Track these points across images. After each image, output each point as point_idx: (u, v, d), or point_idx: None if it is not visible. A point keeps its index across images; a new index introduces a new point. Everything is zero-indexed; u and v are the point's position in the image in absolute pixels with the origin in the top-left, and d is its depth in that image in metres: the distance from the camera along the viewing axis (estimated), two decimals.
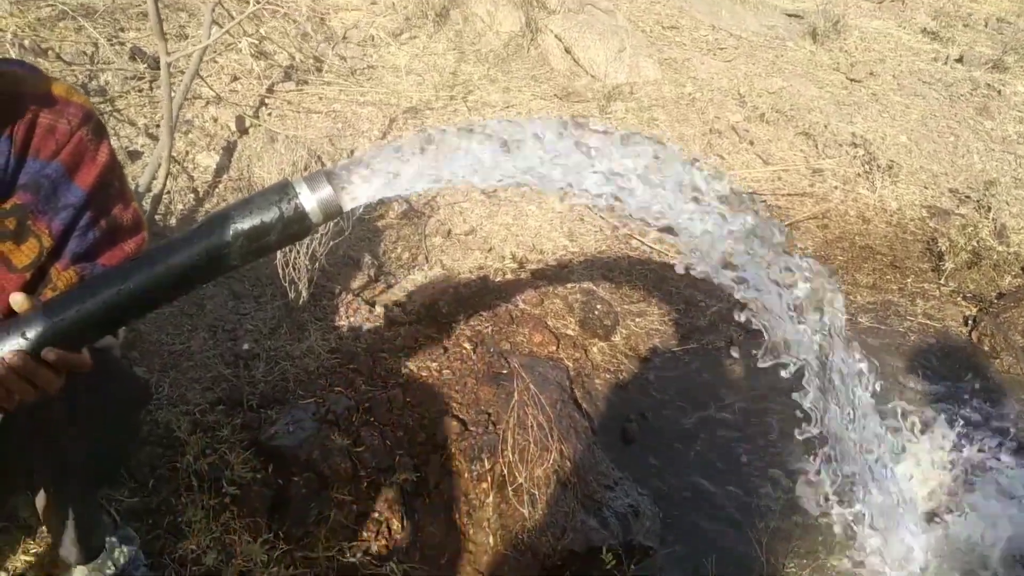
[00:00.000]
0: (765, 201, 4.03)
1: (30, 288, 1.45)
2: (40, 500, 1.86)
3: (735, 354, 3.04)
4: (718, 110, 4.81)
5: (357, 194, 1.20)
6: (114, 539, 1.85)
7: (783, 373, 1.78)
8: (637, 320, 3.08)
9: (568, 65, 5.33)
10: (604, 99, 4.77)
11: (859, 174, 4.45)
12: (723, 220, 1.40)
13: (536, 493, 2.12)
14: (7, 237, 1.44)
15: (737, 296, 1.60)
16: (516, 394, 2.44)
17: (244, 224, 1.15)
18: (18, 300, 1.17)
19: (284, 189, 1.17)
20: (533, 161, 1.20)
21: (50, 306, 1.15)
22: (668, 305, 3.22)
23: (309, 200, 1.16)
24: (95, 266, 1.55)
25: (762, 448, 2.70)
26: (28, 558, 1.93)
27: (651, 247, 3.48)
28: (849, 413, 1.96)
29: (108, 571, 1.82)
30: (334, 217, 1.21)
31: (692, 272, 1.51)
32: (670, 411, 2.81)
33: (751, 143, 4.56)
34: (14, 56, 3.18)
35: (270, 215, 1.16)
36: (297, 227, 1.18)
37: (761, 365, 1.73)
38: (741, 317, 1.73)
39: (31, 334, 1.14)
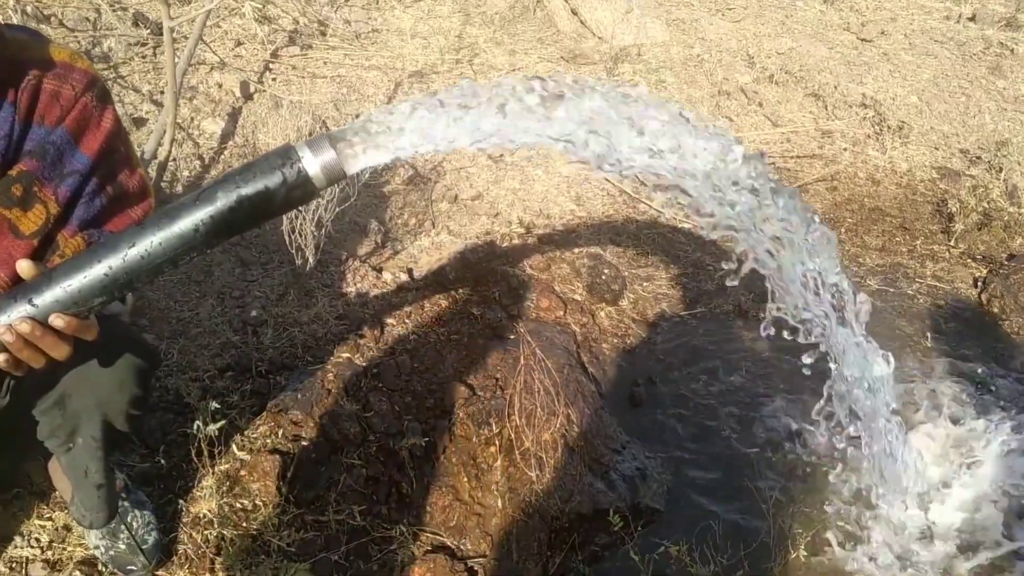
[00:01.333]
0: (774, 163, 4.00)
1: (38, 255, 1.45)
2: (53, 466, 1.89)
3: (743, 319, 3.04)
4: (727, 71, 4.76)
5: (361, 157, 1.19)
6: (127, 503, 1.87)
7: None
8: (645, 284, 3.08)
9: (575, 27, 5.26)
10: (611, 61, 4.72)
11: (869, 135, 4.41)
12: None
13: (543, 457, 2.13)
14: (14, 204, 1.44)
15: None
16: (523, 359, 2.44)
17: (248, 189, 1.15)
18: (24, 267, 1.18)
19: (287, 153, 1.16)
20: (541, 123, 1.19)
21: (56, 272, 1.15)
22: (676, 269, 3.21)
23: (312, 164, 1.15)
24: (102, 233, 1.55)
25: (769, 412, 2.70)
26: (42, 523, 1.96)
27: (659, 211, 3.47)
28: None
29: (121, 535, 1.84)
30: (338, 181, 1.21)
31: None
32: (678, 375, 2.81)
33: (760, 105, 4.52)
34: (16, 22, 3.16)
35: (273, 180, 1.15)
36: (301, 191, 1.18)
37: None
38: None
39: (38, 300, 1.14)
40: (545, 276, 2.95)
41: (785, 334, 1.67)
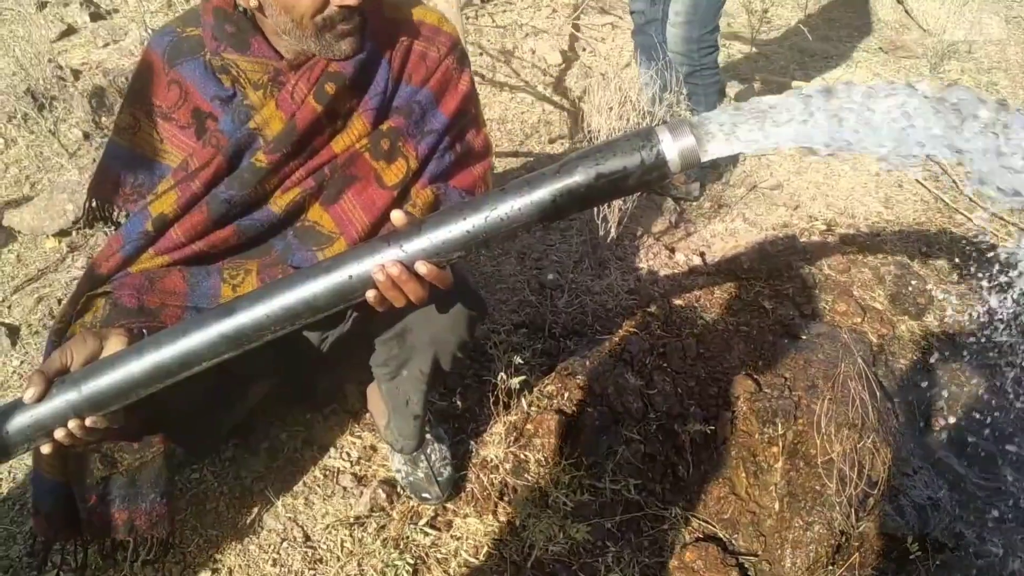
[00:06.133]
0: None
1: (395, 205, 1.58)
2: (372, 390, 2.08)
3: None
4: None
5: (716, 146, 1.18)
6: (430, 436, 2.03)
7: None
8: (954, 302, 2.83)
9: (898, 16, 4.91)
10: (937, 57, 4.35)
11: None
12: None
13: (831, 468, 2.04)
14: (381, 156, 1.57)
15: None
16: (816, 363, 2.35)
17: (607, 166, 1.19)
18: (398, 216, 1.29)
19: (648, 135, 1.18)
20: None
21: (425, 224, 1.26)
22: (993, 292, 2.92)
23: (671, 148, 1.17)
24: (447, 187, 1.67)
25: None
26: (353, 439, 2.17)
27: (978, 224, 3.17)
28: None
29: (421, 464, 2.00)
30: (691, 167, 1.21)
31: None
32: (981, 405, 2.57)
33: None
34: None
35: (632, 160, 1.18)
36: (655, 173, 1.20)
37: None
38: None
39: (408, 247, 1.25)
40: (844, 279, 2.81)
41: None
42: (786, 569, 1.97)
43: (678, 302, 2.62)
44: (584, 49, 4.12)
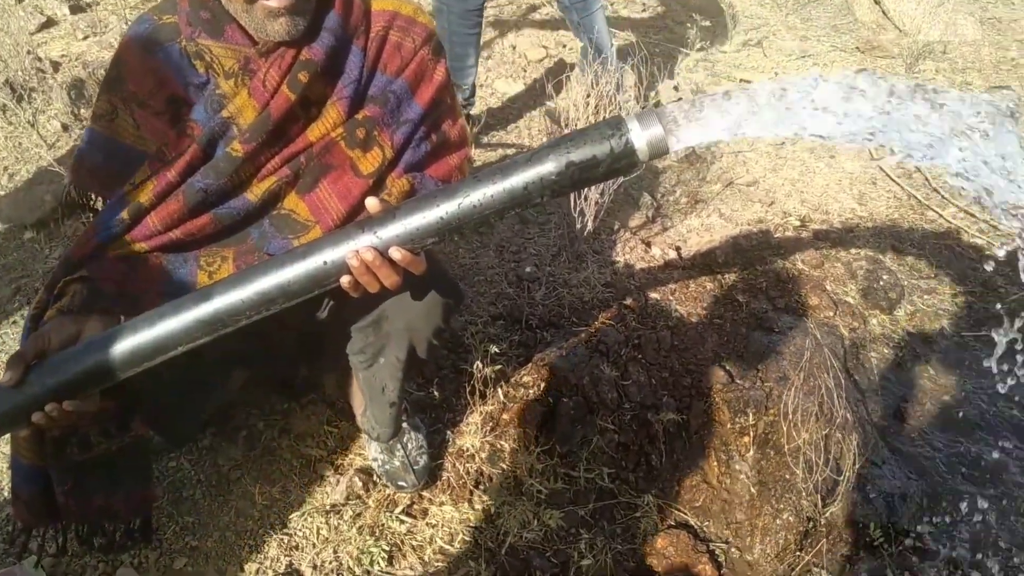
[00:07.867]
0: None
1: (371, 193, 1.60)
2: (349, 379, 2.09)
3: None
4: None
5: (685, 135, 1.21)
6: (406, 425, 2.05)
7: None
8: (925, 297, 2.88)
9: (875, 17, 4.97)
10: (912, 57, 4.41)
11: None
12: None
13: (800, 457, 2.08)
14: (356, 145, 1.59)
15: None
16: (788, 355, 2.39)
17: (576, 155, 1.21)
18: (372, 203, 1.31)
19: (617, 124, 1.21)
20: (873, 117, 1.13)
21: (399, 211, 1.28)
22: (961, 286, 2.98)
23: (639, 137, 1.19)
24: (423, 176, 1.68)
25: None
26: (330, 429, 2.19)
27: (950, 221, 3.22)
28: None
29: (397, 452, 2.02)
30: (660, 156, 1.24)
31: None
32: (950, 398, 2.62)
33: None
34: None
35: (601, 149, 1.21)
36: (624, 162, 1.23)
37: None
38: None
39: (382, 233, 1.27)
40: (817, 273, 2.85)
41: None
42: (756, 555, 2.01)
43: (653, 295, 2.65)
44: (564, 45, 4.15)
